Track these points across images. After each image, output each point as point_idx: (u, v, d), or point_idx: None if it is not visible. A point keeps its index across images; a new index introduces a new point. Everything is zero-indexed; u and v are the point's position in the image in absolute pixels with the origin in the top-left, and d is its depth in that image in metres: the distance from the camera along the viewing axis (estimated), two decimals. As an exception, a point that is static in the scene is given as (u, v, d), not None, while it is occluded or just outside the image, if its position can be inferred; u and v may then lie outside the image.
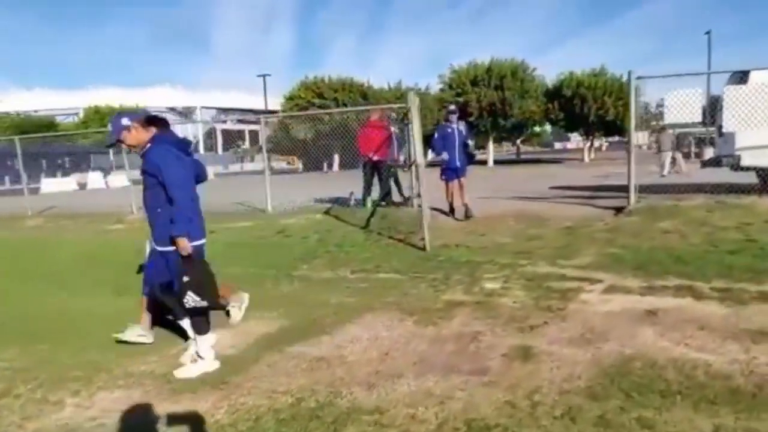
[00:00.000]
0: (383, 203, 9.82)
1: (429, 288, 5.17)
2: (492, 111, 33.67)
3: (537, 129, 48.95)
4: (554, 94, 34.96)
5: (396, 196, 10.42)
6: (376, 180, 10.13)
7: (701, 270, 5.11)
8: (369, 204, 9.97)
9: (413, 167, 7.89)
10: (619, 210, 8.25)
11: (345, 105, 33.78)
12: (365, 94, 38.77)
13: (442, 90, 36.43)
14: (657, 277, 5.03)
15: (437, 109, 34.49)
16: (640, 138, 21.59)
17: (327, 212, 9.70)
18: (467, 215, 8.63)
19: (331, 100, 37.30)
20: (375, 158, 9.74)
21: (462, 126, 9.11)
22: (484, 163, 37.54)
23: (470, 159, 9.37)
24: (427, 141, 9.74)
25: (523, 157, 46.47)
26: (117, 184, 35.06)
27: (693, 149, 29.15)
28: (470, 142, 9.50)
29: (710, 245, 5.94)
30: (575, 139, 65.32)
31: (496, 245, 6.75)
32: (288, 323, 4.52)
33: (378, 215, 8.95)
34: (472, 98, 33.35)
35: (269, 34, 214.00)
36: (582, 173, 20.82)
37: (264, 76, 50.89)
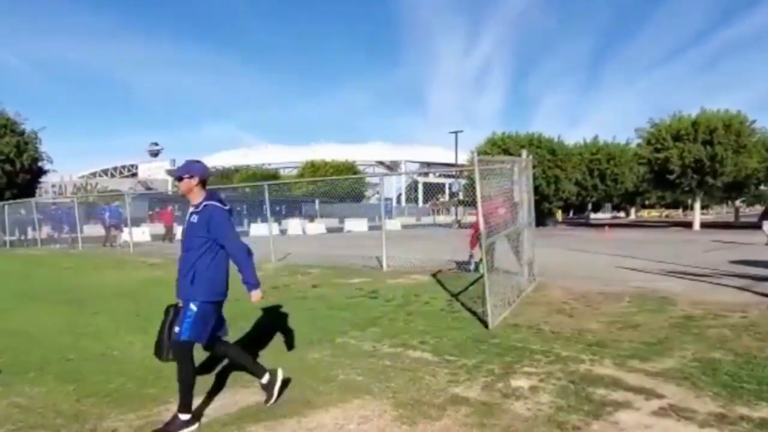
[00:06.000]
0: (496, 268, 9.04)
1: (447, 376, 4.48)
2: (699, 168, 29.64)
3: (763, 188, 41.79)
4: (780, 149, 29.65)
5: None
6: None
7: (820, 401, 3.63)
8: (481, 269, 9.27)
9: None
10: (777, 300, 6.46)
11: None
12: (554, 150, 37.23)
13: (639, 146, 33.30)
14: (744, 401, 3.69)
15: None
16: None
17: (435, 275, 9.25)
18: None
19: (517, 156, 36.45)
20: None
21: None
22: (689, 225, 33.13)
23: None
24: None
25: (744, 220, 39.68)
26: (314, 231, 38.28)
27: None
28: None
29: None
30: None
31: (574, 332, 5.66)
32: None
33: (481, 283, 8.27)
34: (673, 154, 29.80)
35: (482, 92, 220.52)
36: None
37: (456, 132, 51.87)
